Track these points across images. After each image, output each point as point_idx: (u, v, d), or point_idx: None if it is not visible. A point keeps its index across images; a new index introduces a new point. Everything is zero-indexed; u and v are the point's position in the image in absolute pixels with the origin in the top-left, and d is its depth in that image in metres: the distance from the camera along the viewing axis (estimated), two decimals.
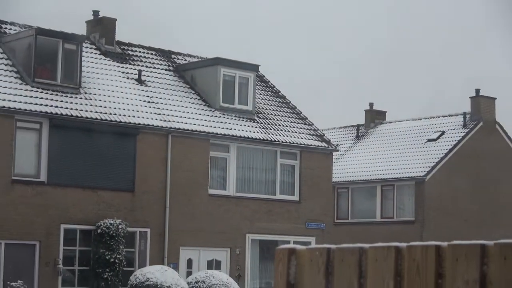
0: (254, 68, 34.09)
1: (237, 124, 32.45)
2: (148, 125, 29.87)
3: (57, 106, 28.09)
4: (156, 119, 30.33)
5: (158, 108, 31.06)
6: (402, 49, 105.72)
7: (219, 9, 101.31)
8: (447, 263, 2.69)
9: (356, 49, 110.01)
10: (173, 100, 32.06)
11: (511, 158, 43.64)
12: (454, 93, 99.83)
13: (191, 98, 32.75)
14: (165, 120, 30.48)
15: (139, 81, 32.27)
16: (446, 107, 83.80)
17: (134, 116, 29.83)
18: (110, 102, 29.93)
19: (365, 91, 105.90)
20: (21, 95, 27.66)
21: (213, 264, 31.12)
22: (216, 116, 32.24)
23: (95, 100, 29.64)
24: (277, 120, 34.50)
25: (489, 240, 2.62)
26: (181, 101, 32.24)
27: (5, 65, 28.91)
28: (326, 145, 34.71)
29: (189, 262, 30.75)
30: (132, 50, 34.34)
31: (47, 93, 28.41)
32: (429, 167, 40.80)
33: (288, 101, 36.43)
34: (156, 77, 33.17)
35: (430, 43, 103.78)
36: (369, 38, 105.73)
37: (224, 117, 32.41)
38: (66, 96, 28.82)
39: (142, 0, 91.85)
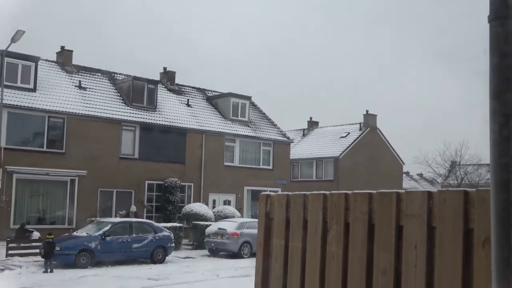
0: (248, 98, 34.02)
1: (240, 128, 32.35)
2: (192, 128, 29.77)
3: (144, 118, 27.98)
4: (196, 125, 30.22)
5: (198, 119, 30.95)
6: (328, 86, 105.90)
7: (232, 62, 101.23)
8: (350, 202, 2.68)
9: (304, 85, 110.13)
10: (205, 115, 31.92)
11: (384, 148, 43.84)
12: (355, 111, 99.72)
13: (215, 114, 32.63)
14: (201, 126, 30.38)
15: (188, 105, 32.11)
16: (350, 119, 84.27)
17: (184, 123, 29.72)
18: (172, 116, 29.81)
19: (307, 109, 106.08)
20: (124, 112, 27.55)
21: (227, 203, 31.13)
22: (228, 124, 32.14)
23: (165, 115, 29.52)
24: (261, 126, 34.40)
25: (374, 190, 2.62)
26: (209, 116, 32.10)
27: (116, 96, 28.78)
28: (287, 139, 34.67)
29: (214, 201, 30.72)
30: (184, 88, 34.18)
31: (138, 110, 28.30)
32: (341, 151, 40.87)
33: (267, 116, 36.31)
34: (197, 103, 33.00)
35: (341, 79, 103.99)
36: (312, 77, 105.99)
37: (232, 124, 32.32)
38: (149, 112, 28.71)
39: (188, 60, 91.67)
